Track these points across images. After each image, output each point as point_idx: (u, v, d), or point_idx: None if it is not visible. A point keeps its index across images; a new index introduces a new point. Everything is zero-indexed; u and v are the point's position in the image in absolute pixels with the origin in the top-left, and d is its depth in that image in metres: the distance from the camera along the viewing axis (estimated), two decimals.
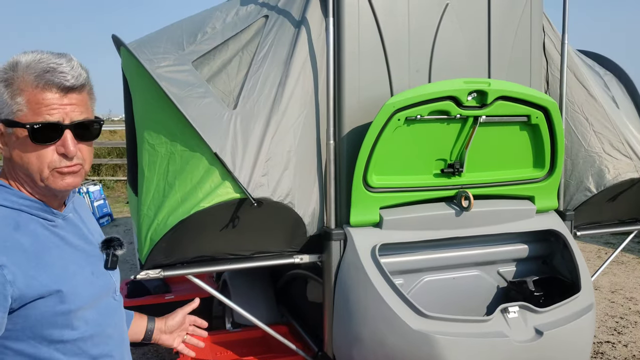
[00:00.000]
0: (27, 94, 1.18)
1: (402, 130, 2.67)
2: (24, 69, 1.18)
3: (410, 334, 2.42)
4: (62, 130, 1.20)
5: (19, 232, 1.18)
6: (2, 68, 1.20)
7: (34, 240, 1.20)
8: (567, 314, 2.60)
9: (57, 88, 1.19)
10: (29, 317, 1.17)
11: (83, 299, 1.26)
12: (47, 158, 1.21)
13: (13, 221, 1.19)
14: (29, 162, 1.21)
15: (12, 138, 1.20)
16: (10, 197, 1.21)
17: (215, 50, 2.74)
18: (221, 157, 2.45)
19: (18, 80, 1.18)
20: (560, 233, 2.99)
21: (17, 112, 1.18)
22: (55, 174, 1.22)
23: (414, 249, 2.88)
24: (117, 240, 1.39)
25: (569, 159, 3.25)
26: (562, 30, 3.09)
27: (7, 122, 1.19)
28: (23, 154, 1.21)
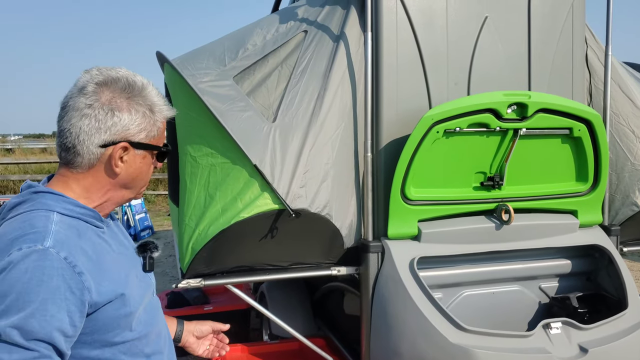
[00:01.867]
0: (160, 122, 1.33)
1: (441, 142, 2.66)
2: (154, 98, 1.31)
3: (450, 348, 2.38)
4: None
5: (82, 240, 1.21)
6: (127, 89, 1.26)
7: (94, 248, 1.23)
8: (613, 332, 2.52)
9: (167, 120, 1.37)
10: (98, 322, 1.20)
11: (137, 301, 1.30)
12: (150, 174, 1.39)
13: (76, 230, 1.21)
14: (145, 178, 1.37)
15: (138, 159, 1.31)
16: (68, 206, 1.23)
17: (255, 65, 2.80)
18: (260, 169, 2.49)
19: (157, 109, 1.31)
20: (605, 248, 2.90)
21: (151, 137, 1.31)
22: (144, 189, 1.40)
23: (453, 263, 2.85)
24: (152, 243, 1.45)
25: (614, 173, 3.17)
26: (606, 41, 3.03)
27: (142, 145, 1.30)
28: (144, 172, 1.35)
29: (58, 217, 1.20)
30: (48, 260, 1.11)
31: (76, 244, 1.18)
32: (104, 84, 1.23)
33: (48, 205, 1.21)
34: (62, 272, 1.12)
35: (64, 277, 1.12)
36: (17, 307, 1.07)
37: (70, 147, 1.23)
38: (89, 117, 1.21)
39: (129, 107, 1.25)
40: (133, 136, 1.26)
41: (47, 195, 1.23)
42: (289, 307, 3.84)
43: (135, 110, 1.25)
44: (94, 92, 1.22)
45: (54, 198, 1.23)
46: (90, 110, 1.21)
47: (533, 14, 2.96)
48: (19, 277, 1.09)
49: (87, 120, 1.21)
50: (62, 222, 1.19)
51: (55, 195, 1.24)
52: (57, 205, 1.22)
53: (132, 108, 1.25)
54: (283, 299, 3.91)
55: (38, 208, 1.20)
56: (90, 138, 1.22)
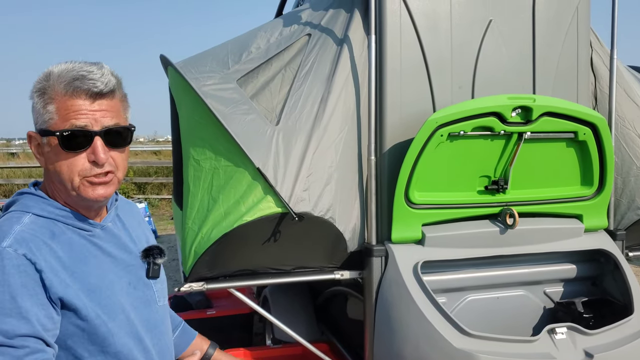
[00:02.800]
0: (57, 101, 1.19)
1: (445, 146, 2.65)
2: (56, 78, 1.19)
3: (453, 352, 2.36)
4: (92, 137, 1.19)
5: (54, 241, 1.19)
6: (37, 79, 1.23)
7: (69, 250, 1.21)
8: (619, 337, 2.49)
9: (86, 94, 1.19)
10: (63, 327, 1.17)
11: (120, 310, 1.26)
12: (78, 166, 1.20)
13: (48, 231, 1.20)
14: (60, 170, 1.21)
15: (46, 148, 1.22)
16: (46, 207, 1.23)
17: (259, 69, 2.80)
18: (263, 172, 2.48)
19: (50, 89, 1.19)
20: (610, 253, 2.88)
21: (49, 120, 1.19)
22: (85, 183, 1.21)
23: (457, 267, 2.83)
24: (157, 248, 1.39)
25: (619, 177, 3.15)
26: (611, 44, 3.02)
27: (42, 132, 1.21)
28: (55, 163, 1.21)
29: (31, 219, 1.20)
30: (6, 259, 1.11)
31: (43, 244, 1.17)
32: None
33: (27, 206, 1.23)
34: (23, 269, 1.11)
35: (26, 272, 1.11)
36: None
37: None
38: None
39: (31, 97, 1.23)
40: (35, 125, 1.23)
41: (28, 197, 1.25)
42: (292, 312, 3.82)
43: (33, 97, 1.22)
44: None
45: (33, 199, 1.24)
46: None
47: (537, 18, 2.95)
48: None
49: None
50: (32, 224, 1.19)
51: (35, 197, 1.25)
52: (35, 207, 1.22)
53: (33, 97, 1.22)
54: (286, 303, 3.89)
55: (18, 209, 1.22)
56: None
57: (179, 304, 4.33)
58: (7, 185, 13.29)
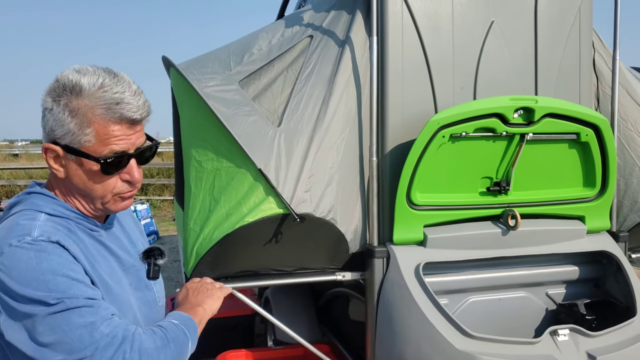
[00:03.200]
0: (96, 125, 1.18)
1: (446, 147, 2.64)
2: (90, 96, 1.17)
3: (455, 354, 2.36)
4: (129, 159, 1.23)
5: (71, 238, 1.22)
6: (56, 89, 1.19)
7: (84, 247, 1.24)
8: (622, 339, 2.48)
9: (127, 122, 1.20)
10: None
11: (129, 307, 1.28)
12: (112, 185, 1.24)
13: (64, 228, 1.23)
14: (93, 189, 1.23)
15: (73, 164, 1.22)
16: (56, 207, 1.25)
17: (261, 70, 2.80)
18: (265, 173, 2.48)
19: (85, 109, 1.17)
20: (613, 254, 2.87)
21: (85, 142, 1.19)
22: (117, 199, 1.26)
23: (459, 269, 2.82)
24: (157, 249, 1.41)
25: (622, 179, 3.14)
26: (614, 45, 3.01)
27: (72, 150, 1.20)
28: (88, 181, 1.23)
29: (45, 217, 1.21)
30: (42, 246, 1.13)
31: (66, 237, 1.20)
32: (50, 86, 1.22)
33: (38, 205, 1.23)
34: (59, 252, 1.14)
35: (61, 255, 1.14)
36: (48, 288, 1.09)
37: None
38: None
39: (52, 107, 1.19)
40: (60, 139, 1.20)
41: (37, 196, 1.26)
42: (293, 313, 3.82)
43: (59, 111, 1.18)
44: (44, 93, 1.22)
45: (44, 199, 1.25)
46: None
47: (540, 19, 2.95)
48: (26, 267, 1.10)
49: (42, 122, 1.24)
50: (49, 221, 1.21)
51: (45, 197, 1.26)
52: (46, 206, 1.23)
53: (55, 109, 1.18)
54: (288, 304, 3.89)
55: (28, 208, 1.23)
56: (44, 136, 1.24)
57: None
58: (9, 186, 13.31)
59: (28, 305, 1.08)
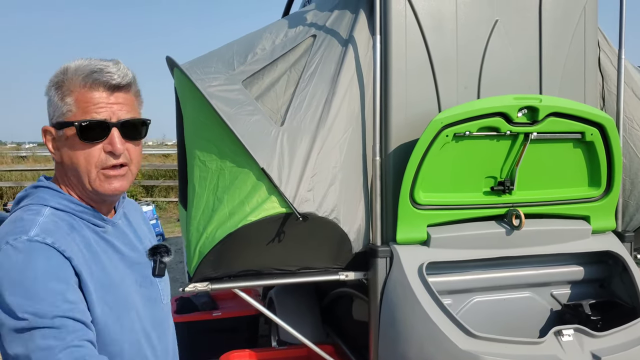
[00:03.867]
0: (76, 94, 1.21)
1: (450, 146, 2.63)
2: (73, 72, 1.22)
3: (459, 354, 2.34)
4: (109, 128, 1.21)
5: (73, 234, 1.20)
6: (54, 74, 1.25)
7: (87, 245, 1.22)
8: (627, 340, 2.46)
9: (104, 87, 1.21)
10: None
11: (129, 306, 1.26)
12: (94, 157, 1.22)
13: (68, 224, 1.21)
14: (77, 162, 1.22)
15: (63, 141, 1.23)
16: (62, 201, 1.24)
17: (265, 70, 2.80)
18: (268, 172, 2.48)
19: (67, 82, 1.21)
20: (618, 255, 2.85)
21: (67, 112, 1.21)
22: (101, 177, 1.23)
23: (462, 269, 2.81)
24: (163, 247, 1.39)
25: (627, 178, 3.11)
26: (619, 44, 2.99)
27: (58, 125, 1.22)
28: (72, 154, 1.22)
29: (50, 212, 1.21)
30: (35, 249, 1.12)
31: (66, 235, 1.18)
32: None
33: (44, 199, 1.23)
34: (52, 254, 1.12)
35: (56, 259, 1.13)
36: (23, 296, 1.08)
37: None
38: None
39: (47, 92, 1.24)
40: (52, 119, 1.24)
41: (44, 190, 1.25)
42: (297, 313, 3.81)
43: (50, 92, 1.23)
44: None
45: (50, 193, 1.24)
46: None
47: (544, 18, 2.93)
48: (12, 269, 1.10)
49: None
50: (53, 216, 1.20)
51: (52, 191, 1.25)
52: (52, 200, 1.23)
53: (49, 92, 1.24)
54: (292, 304, 3.89)
55: (34, 202, 1.22)
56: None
57: (184, 305, 4.33)
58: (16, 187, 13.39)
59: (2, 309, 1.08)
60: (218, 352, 3.54)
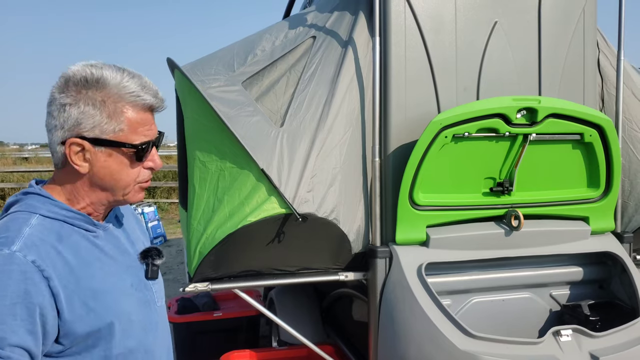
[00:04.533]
0: (127, 114, 1.20)
1: (449, 147, 2.64)
2: (117, 88, 1.19)
3: (457, 354, 2.35)
4: (152, 147, 1.26)
5: (62, 244, 1.18)
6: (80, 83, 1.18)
7: (76, 253, 1.20)
8: (626, 340, 2.46)
9: (152, 110, 1.25)
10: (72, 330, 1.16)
11: (126, 311, 1.26)
12: (136, 174, 1.26)
13: (56, 233, 1.19)
14: (119, 179, 1.24)
15: (102, 156, 1.21)
16: (52, 209, 1.22)
17: (264, 71, 2.81)
18: (268, 173, 2.49)
19: (114, 99, 1.19)
20: (617, 256, 2.85)
21: (118, 131, 1.20)
22: (136, 189, 1.27)
23: (462, 269, 2.82)
24: (155, 250, 1.38)
25: (627, 179, 3.12)
26: (618, 45, 3.00)
27: (101, 142, 1.19)
28: (115, 172, 1.23)
29: (38, 220, 1.19)
30: (15, 264, 1.09)
31: (51, 248, 1.16)
32: (64, 82, 1.20)
33: (33, 207, 1.21)
34: (30, 276, 1.10)
35: (32, 280, 1.10)
36: None
37: (49, 146, 1.23)
38: (49, 115, 1.20)
39: (78, 101, 1.18)
40: (87, 132, 1.18)
41: (34, 197, 1.23)
42: (298, 314, 3.83)
43: (85, 104, 1.17)
44: (54, 91, 1.20)
45: (40, 200, 1.22)
46: (49, 108, 1.20)
47: (543, 19, 2.94)
48: None
49: (48, 118, 1.21)
50: (40, 225, 1.18)
51: (42, 197, 1.23)
52: (42, 208, 1.21)
53: (82, 102, 1.17)
54: (292, 305, 3.90)
55: (23, 210, 1.20)
56: (52, 136, 1.20)
57: (186, 306, 4.34)
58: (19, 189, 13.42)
59: None
60: (219, 352, 3.55)
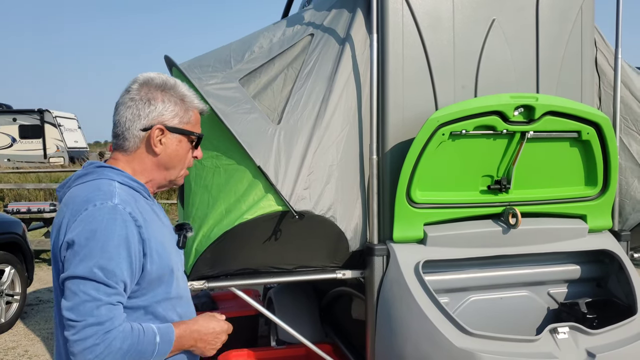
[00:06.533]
0: (194, 110, 1.60)
1: (446, 145, 2.64)
2: (188, 92, 1.59)
3: (454, 351, 2.35)
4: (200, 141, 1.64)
5: (137, 205, 1.48)
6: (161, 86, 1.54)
7: (146, 213, 1.49)
8: (622, 337, 2.46)
9: (201, 113, 1.64)
10: (149, 272, 1.45)
11: (177, 266, 1.57)
12: (189, 159, 1.62)
13: (132, 196, 1.48)
14: (179, 161, 1.59)
15: (174, 141, 1.56)
16: (124, 179, 1.51)
17: (262, 68, 2.81)
18: (264, 171, 2.49)
19: (188, 98, 1.58)
20: (615, 254, 2.85)
21: (187, 123, 1.57)
22: (184, 173, 1.63)
23: (459, 267, 2.81)
24: (187, 224, 1.72)
25: (623, 178, 3.12)
26: (616, 44, 3.00)
27: (178, 129, 1.55)
28: (180, 155, 1.58)
29: (119, 185, 1.48)
30: (118, 214, 1.40)
31: (135, 205, 1.46)
32: (144, 83, 1.54)
33: (110, 176, 1.50)
34: (129, 224, 1.40)
35: (130, 228, 1.41)
36: (99, 251, 1.35)
37: (120, 134, 1.54)
38: (131, 108, 1.52)
39: (163, 98, 1.53)
40: (167, 121, 1.54)
41: (108, 169, 1.52)
42: (296, 313, 3.82)
43: (168, 100, 1.54)
44: (135, 89, 1.53)
45: (113, 171, 1.52)
46: (132, 102, 1.52)
47: (541, 17, 2.94)
48: (97, 227, 1.36)
49: (130, 110, 1.52)
50: (121, 188, 1.48)
51: (114, 169, 1.52)
52: (117, 177, 1.50)
53: (165, 98, 1.54)
54: (291, 304, 3.89)
55: (102, 177, 1.49)
56: (133, 124, 1.52)
57: None
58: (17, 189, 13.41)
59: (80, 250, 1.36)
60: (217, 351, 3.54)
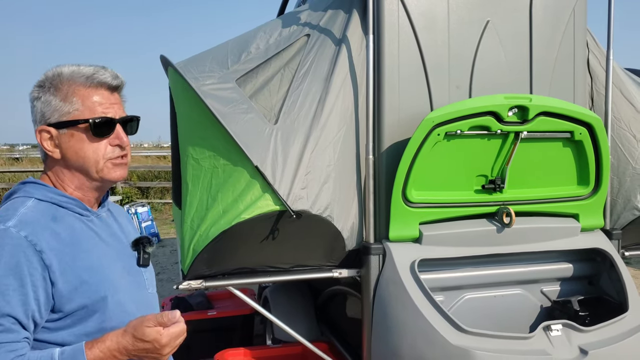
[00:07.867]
0: (81, 94, 1.34)
1: (442, 145, 2.67)
2: (70, 75, 1.34)
3: (450, 349, 2.38)
4: (115, 124, 1.37)
5: (56, 224, 1.30)
6: (41, 81, 1.35)
7: (71, 232, 1.32)
8: (614, 334, 2.50)
9: (106, 88, 1.36)
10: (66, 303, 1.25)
11: (118, 289, 1.35)
12: (102, 150, 1.36)
13: (50, 214, 1.31)
14: (85, 156, 1.35)
15: (66, 138, 1.34)
16: (46, 193, 1.35)
17: (259, 68, 2.83)
18: (262, 170, 2.51)
19: (66, 84, 1.33)
20: (606, 252, 2.90)
21: (73, 111, 1.33)
22: (109, 165, 1.37)
23: (454, 266, 2.85)
24: (145, 238, 1.50)
25: (615, 177, 3.16)
26: (607, 45, 3.04)
27: (61, 124, 1.33)
28: (79, 150, 1.34)
29: (34, 203, 1.32)
30: (7, 238, 1.22)
31: (45, 226, 1.28)
32: (35, 85, 1.37)
33: (29, 192, 1.35)
34: (21, 249, 1.22)
35: (24, 253, 1.22)
36: None
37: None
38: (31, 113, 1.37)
39: (39, 96, 1.34)
40: (49, 119, 1.34)
41: (30, 185, 1.38)
42: (292, 312, 3.84)
43: (44, 95, 1.34)
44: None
45: (35, 187, 1.37)
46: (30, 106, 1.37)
47: (534, 19, 2.98)
48: None
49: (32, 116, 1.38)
50: (36, 207, 1.31)
51: (37, 185, 1.37)
52: (37, 193, 1.34)
53: (42, 95, 1.34)
54: (287, 303, 3.91)
55: (21, 195, 1.35)
56: (34, 130, 1.36)
57: (179, 305, 4.34)
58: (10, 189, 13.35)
59: None
60: (213, 351, 3.56)
